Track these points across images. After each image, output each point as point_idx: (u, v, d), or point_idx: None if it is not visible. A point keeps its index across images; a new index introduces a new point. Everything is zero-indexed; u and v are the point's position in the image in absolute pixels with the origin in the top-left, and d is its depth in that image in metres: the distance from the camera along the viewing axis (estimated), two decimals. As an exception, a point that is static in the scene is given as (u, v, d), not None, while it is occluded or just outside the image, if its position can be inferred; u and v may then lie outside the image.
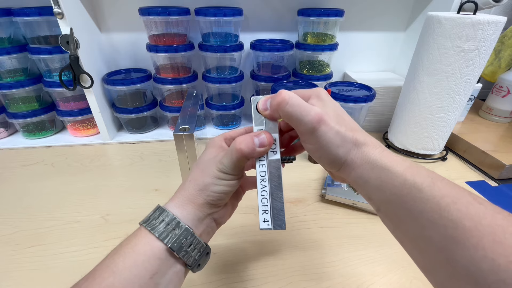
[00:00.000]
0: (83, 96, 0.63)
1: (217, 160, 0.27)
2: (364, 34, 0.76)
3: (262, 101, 0.27)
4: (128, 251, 0.24)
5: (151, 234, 0.25)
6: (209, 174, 0.27)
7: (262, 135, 0.26)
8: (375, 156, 0.24)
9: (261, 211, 0.27)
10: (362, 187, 0.24)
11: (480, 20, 0.46)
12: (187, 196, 0.27)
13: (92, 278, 0.23)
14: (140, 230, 0.26)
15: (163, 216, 0.26)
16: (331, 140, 0.24)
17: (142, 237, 0.25)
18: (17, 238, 0.42)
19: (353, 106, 0.59)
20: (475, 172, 0.59)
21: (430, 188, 0.21)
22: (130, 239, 0.25)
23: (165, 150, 0.65)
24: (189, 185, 0.28)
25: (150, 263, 0.24)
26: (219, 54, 0.64)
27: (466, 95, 0.54)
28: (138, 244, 0.25)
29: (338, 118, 0.25)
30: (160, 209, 0.27)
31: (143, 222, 0.26)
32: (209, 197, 0.27)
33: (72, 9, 0.54)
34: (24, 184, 0.53)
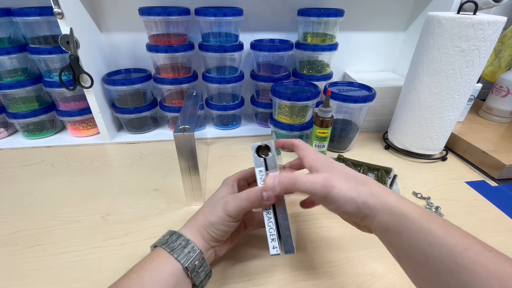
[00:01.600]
0: (83, 96, 0.63)
1: (224, 202, 0.32)
2: (364, 34, 0.76)
3: (271, 178, 0.29)
4: (152, 268, 0.28)
5: (171, 255, 0.29)
6: (216, 214, 0.32)
7: (270, 189, 0.29)
8: (391, 201, 0.26)
9: (270, 240, 0.30)
10: (384, 234, 0.26)
11: (480, 20, 0.46)
12: (197, 228, 0.32)
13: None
14: (160, 251, 0.30)
15: (180, 240, 0.30)
16: (346, 197, 0.26)
17: (163, 257, 0.29)
18: (17, 238, 0.42)
19: (353, 106, 0.59)
20: (475, 172, 0.59)
21: (444, 235, 0.22)
22: (152, 258, 0.29)
23: (165, 150, 0.65)
24: (200, 219, 0.33)
25: (170, 279, 0.28)
26: (219, 54, 0.64)
27: (466, 95, 0.54)
28: (160, 263, 0.29)
29: (346, 176, 0.28)
30: (177, 234, 0.31)
31: (162, 244, 0.30)
32: (213, 233, 0.32)
33: (72, 9, 0.54)
34: (24, 184, 0.53)
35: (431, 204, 0.49)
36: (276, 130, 0.64)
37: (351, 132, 0.64)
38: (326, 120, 0.55)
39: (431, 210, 0.48)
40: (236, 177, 0.37)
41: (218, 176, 0.56)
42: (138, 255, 0.39)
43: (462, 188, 0.54)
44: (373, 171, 0.54)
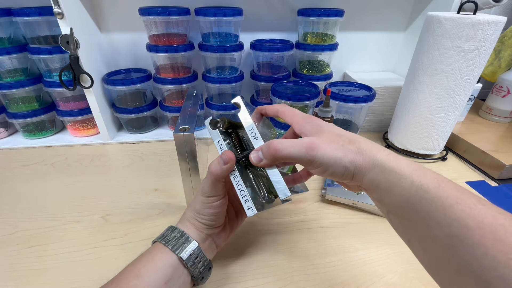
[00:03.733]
0: (83, 96, 0.63)
1: (201, 187, 0.32)
2: (364, 34, 0.76)
3: (254, 155, 0.29)
4: (148, 260, 0.29)
5: (166, 247, 0.30)
6: (197, 200, 0.32)
7: (224, 155, 0.30)
8: (382, 159, 0.25)
9: (243, 201, 0.30)
10: (374, 191, 0.25)
11: (480, 20, 0.46)
12: (188, 219, 0.33)
13: (118, 280, 0.28)
14: (157, 244, 0.31)
15: (175, 233, 0.31)
16: (330, 158, 0.25)
17: (158, 250, 0.30)
18: (17, 238, 0.42)
19: (353, 106, 0.59)
20: (475, 172, 0.59)
21: (436, 189, 0.21)
22: (149, 251, 0.30)
23: (165, 150, 0.65)
24: (188, 211, 0.34)
25: (165, 270, 0.28)
26: (219, 54, 0.64)
27: (466, 95, 0.54)
28: (156, 255, 0.29)
29: (333, 136, 0.27)
30: (172, 228, 0.32)
31: (159, 238, 0.31)
32: (203, 219, 0.32)
33: (72, 9, 0.54)
34: (24, 184, 0.53)
35: (431, 204, 0.49)
36: (276, 130, 0.64)
37: (351, 132, 0.64)
38: (326, 120, 0.55)
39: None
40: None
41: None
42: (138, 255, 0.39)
43: (462, 188, 0.54)
44: (373, 171, 0.54)
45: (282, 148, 0.27)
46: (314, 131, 0.28)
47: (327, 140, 0.26)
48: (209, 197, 0.31)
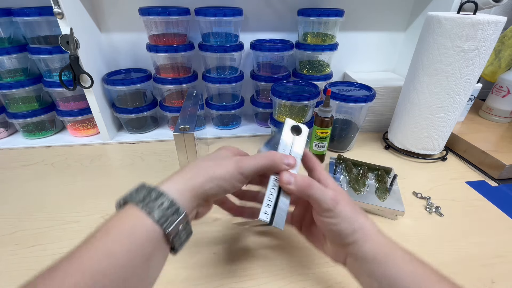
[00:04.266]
0: (83, 96, 0.63)
1: (237, 160, 0.29)
2: (364, 34, 0.76)
3: (287, 176, 0.29)
4: (123, 233, 0.23)
5: (148, 217, 0.23)
6: (224, 168, 0.28)
7: (291, 158, 0.30)
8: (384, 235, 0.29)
9: (265, 204, 0.29)
10: (368, 263, 0.27)
11: (480, 20, 0.46)
12: (192, 185, 0.27)
13: (81, 255, 0.21)
14: (134, 210, 0.24)
15: (162, 199, 0.25)
16: (347, 215, 0.28)
17: (138, 218, 0.23)
18: (17, 238, 0.42)
19: (353, 106, 0.59)
20: (475, 172, 0.59)
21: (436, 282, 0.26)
22: (122, 220, 0.23)
23: (165, 150, 0.65)
24: (196, 174, 0.28)
25: (146, 247, 0.23)
26: (219, 54, 0.64)
27: (466, 95, 0.54)
28: (135, 226, 0.23)
29: (350, 201, 0.30)
30: (156, 191, 0.25)
31: (139, 202, 0.24)
32: (212, 189, 0.27)
33: (72, 9, 0.54)
34: (24, 184, 0.53)
35: (431, 204, 0.49)
36: (276, 130, 0.64)
37: (351, 132, 0.64)
38: (326, 120, 0.55)
39: (431, 210, 0.48)
40: (243, 154, 0.33)
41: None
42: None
43: (462, 188, 0.54)
44: (373, 171, 0.54)
45: (314, 187, 0.28)
46: (335, 186, 0.31)
47: (346, 200, 0.29)
48: (242, 175, 0.28)
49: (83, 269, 0.20)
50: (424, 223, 0.46)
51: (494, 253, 0.41)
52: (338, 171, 0.55)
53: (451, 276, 0.37)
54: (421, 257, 0.27)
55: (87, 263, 0.20)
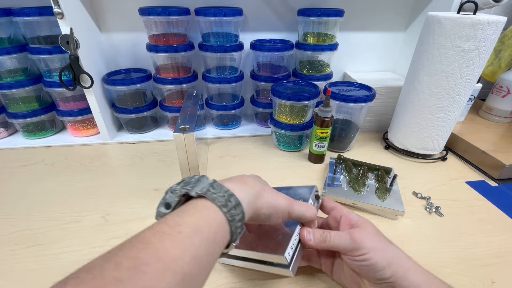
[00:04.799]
0: (83, 96, 0.63)
1: (291, 201, 0.30)
2: (364, 34, 0.76)
3: (307, 233, 0.32)
4: (210, 239, 0.22)
5: (228, 225, 0.24)
6: (280, 202, 0.29)
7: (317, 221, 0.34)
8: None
9: (290, 247, 0.30)
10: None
11: (480, 20, 0.46)
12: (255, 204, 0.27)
13: (169, 258, 0.19)
14: (217, 214, 0.23)
15: (239, 210, 0.25)
16: (375, 249, 0.30)
17: (220, 226, 0.23)
18: (16, 238, 0.42)
19: (353, 106, 0.59)
20: (475, 172, 0.59)
21: None
22: (208, 222, 0.23)
23: (165, 150, 0.65)
24: (260, 195, 0.28)
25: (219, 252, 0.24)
26: (219, 54, 0.64)
27: (466, 95, 0.54)
28: (217, 233, 0.23)
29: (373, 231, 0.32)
30: (235, 199, 0.25)
31: (223, 206, 0.24)
32: (263, 216, 0.28)
33: (72, 9, 0.54)
34: (24, 184, 0.53)
35: (431, 204, 0.49)
36: (276, 130, 0.64)
37: (351, 132, 0.64)
38: (326, 120, 0.55)
39: (431, 210, 0.48)
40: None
41: (218, 176, 0.56)
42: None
43: (462, 188, 0.54)
44: (373, 171, 0.54)
45: (330, 238, 0.31)
46: (360, 221, 0.33)
47: (372, 232, 0.32)
48: (287, 214, 0.30)
49: (174, 269, 0.19)
50: (424, 223, 0.46)
51: (494, 253, 0.41)
52: (338, 171, 0.55)
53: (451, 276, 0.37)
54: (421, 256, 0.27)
55: (177, 264, 0.19)
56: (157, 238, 0.20)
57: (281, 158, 0.63)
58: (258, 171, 0.58)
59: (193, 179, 0.27)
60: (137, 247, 0.19)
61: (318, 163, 0.61)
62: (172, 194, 0.25)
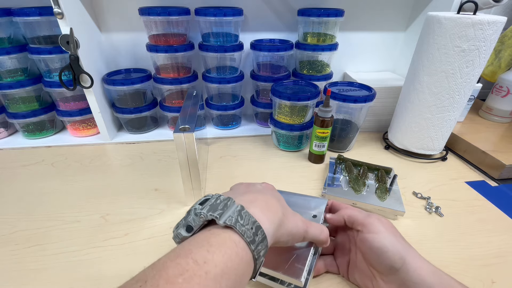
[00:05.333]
0: (83, 96, 0.63)
1: (307, 225, 0.30)
2: (364, 34, 0.76)
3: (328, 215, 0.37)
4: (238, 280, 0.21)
5: (253, 262, 0.23)
6: (298, 228, 0.29)
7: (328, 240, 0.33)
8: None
9: (306, 271, 0.31)
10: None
11: (480, 20, 0.46)
12: (275, 234, 0.26)
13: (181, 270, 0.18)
14: (244, 249, 0.22)
15: (264, 245, 0.24)
16: (385, 231, 0.32)
17: (247, 264, 0.22)
18: (16, 238, 0.42)
19: (353, 106, 0.59)
20: (475, 172, 0.59)
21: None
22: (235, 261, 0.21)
23: (165, 150, 0.65)
24: (281, 224, 0.27)
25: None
26: (219, 54, 0.64)
27: (466, 95, 0.54)
28: (245, 273, 0.22)
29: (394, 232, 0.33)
30: (262, 233, 0.23)
31: (251, 243, 0.22)
32: (281, 243, 0.28)
33: (72, 9, 0.54)
34: (24, 184, 0.53)
35: (431, 204, 0.49)
36: (276, 130, 0.64)
37: (351, 132, 0.64)
38: (326, 120, 0.55)
39: (431, 210, 0.48)
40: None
41: (218, 176, 0.57)
42: (137, 255, 0.39)
43: (462, 188, 0.54)
44: (373, 171, 0.54)
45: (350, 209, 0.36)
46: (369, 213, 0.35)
47: (382, 220, 0.33)
48: (302, 237, 0.30)
49: None
50: (424, 223, 0.46)
51: (494, 253, 0.41)
52: (338, 171, 0.55)
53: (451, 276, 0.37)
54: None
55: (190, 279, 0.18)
56: (184, 279, 0.18)
57: (281, 158, 0.63)
58: (258, 171, 0.58)
59: (219, 201, 0.24)
60: (160, 286, 0.17)
61: (318, 163, 0.61)
62: (196, 217, 0.23)
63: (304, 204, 0.39)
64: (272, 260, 0.32)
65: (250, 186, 0.31)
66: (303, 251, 0.33)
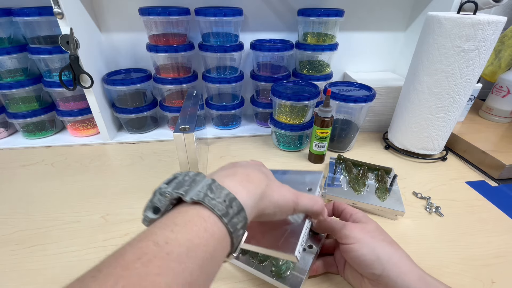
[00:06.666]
0: (83, 96, 0.63)
1: (296, 195, 0.29)
2: (364, 34, 0.76)
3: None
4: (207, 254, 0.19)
5: (229, 237, 0.21)
6: (286, 199, 0.27)
7: (326, 211, 0.32)
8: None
9: (300, 244, 0.29)
10: None
11: (480, 20, 0.46)
12: (258, 206, 0.25)
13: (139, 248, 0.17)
14: (217, 224, 0.20)
15: (241, 217, 0.22)
16: (363, 242, 0.31)
17: (222, 241, 0.21)
18: (16, 238, 0.42)
19: (353, 106, 0.59)
20: (475, 172, 0.59)
21: None
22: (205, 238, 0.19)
23: (165, 150, 0.65)
24: (264, 195, 0.25)
25: (219, 266, 0.21)
26: (219, 54, 0.64)
27: (466, 95, 0.54)
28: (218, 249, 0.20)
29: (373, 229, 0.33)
30: (238, 204, 0.22)
31: (224, 216, 0.21)
32: (268, 215, 0.27)
33: (72, 9, 0.54)
34: (24, 184, 0.53)
35: (431, 204, 0.49)
36: (276, 130, 0.64)
37: (351, 132, 0.64)
38: (326, 120, 0.55)
39: (431, 210, 0.48)
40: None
41: (218, 176, 0.57)
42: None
43: (462, 188, 0.54)
44: (373, 171, 0.54)
45: (329, 220, 0.34)
46: (364, 219, 0.34)
47: (369, 230, 0.32)
48: (293, 212, 0.29)
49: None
50: (424, 223, 0.46)
51: (494, 253, 0.41)
52: (338, 171, 0.55)
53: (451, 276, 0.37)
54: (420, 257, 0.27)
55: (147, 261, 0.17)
56: (142, 263, 0.16)
57: (281, 158, 0.63)
58: (258, 171, 0.58)
59: (187, 177, 0.23)
60: (115, 274, 0.16)
61: (318, 163, 0.61)
62: (161, 196, 0.22)
63: (298, 179, 0.38)
64: (265, 238, 0.31)
65: (236, 163, 0.29)
66: (297, 226, 0.31)
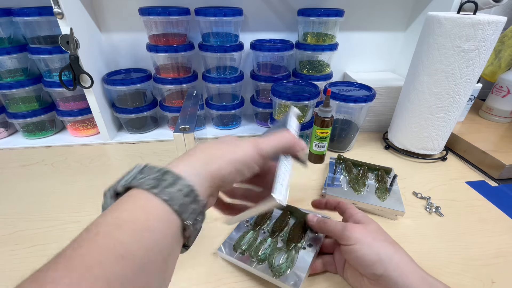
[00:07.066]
0: (83, 96, 0.63)
1: (256, 142, 0.25)
2: (364, 34, 0.76)
3: (312, 216, 0.39)
4: (139, 227, 0.18)
5: (165, 205, 0.20)
6: (244, 151, 0.25)
7: (303, 142, 0.29)
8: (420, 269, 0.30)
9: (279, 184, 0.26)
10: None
11: (480, 20, 0.46)
12: (209, 170, 0.23)
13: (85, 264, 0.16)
14: (146, 197, 0.20)
15: (181, 185, 0.21)
16: (364, 242, 0.31)
17: (154, 209, 0.19)
18: (16, 238, 0.42)
19: (353, 106, 0.59)
20: (475, 172, 0.59)
21: None
22: (134, 211, 0.19)
23: (165, 150, 0.65)
24: (213, 157, 0.24)
25: (165, 242, 0.19)
26: (219, 54, 0.64)
27: (466, 95, 0.54)
28: (151, 217, 0.19)
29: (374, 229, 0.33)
30: (172, 174, 0.21)
31: (153, 188, 0.20)
32: (231, 175, 0.24)
33: (72, 9, 0.54)
34: (24, 184, 0.53)
35: (431, 204, 0.49)
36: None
37: (351, 132, 0.64)
38: (326, 120, 0.55)
39: (431, 210, 0.48)
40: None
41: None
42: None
43: (462, 188, 0.54)
44: (373, 171, 0.54)
45: (328, 223, 0.35)
46: (364, 219, 0.34)
47: (370, 230, 0.33)
48: (261, 156, 0.25)
49: (92, 277, 0.15)
50: (424, 223, 0.46)
51: (494, 253, 0.41)
52: (338, 171, 0.55)
53: (451, 276, 0.37)
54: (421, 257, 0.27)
55: (96, 270, 0.15)
56: (71, 248, 0.16)
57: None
58: (258, 171, 0.58)
59: (129, 175, 0.23)
60: (48, 265, 0.16)
61: (318, 163, 0.61)
62: (104, 197, 0.22)
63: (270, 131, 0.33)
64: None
65: (216, 141, 0.28)
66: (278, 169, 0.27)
